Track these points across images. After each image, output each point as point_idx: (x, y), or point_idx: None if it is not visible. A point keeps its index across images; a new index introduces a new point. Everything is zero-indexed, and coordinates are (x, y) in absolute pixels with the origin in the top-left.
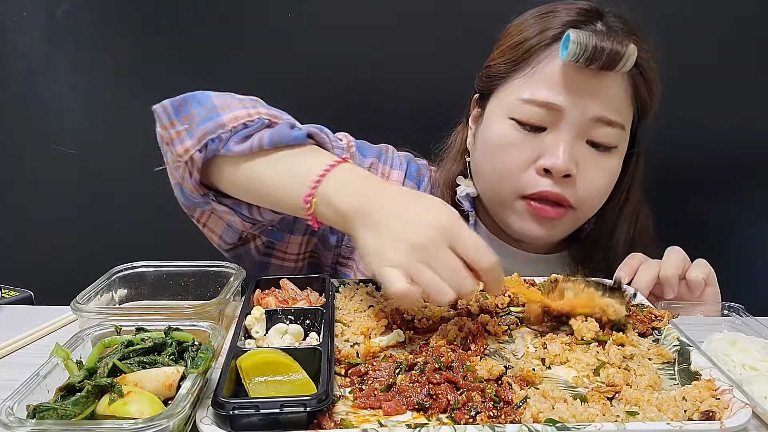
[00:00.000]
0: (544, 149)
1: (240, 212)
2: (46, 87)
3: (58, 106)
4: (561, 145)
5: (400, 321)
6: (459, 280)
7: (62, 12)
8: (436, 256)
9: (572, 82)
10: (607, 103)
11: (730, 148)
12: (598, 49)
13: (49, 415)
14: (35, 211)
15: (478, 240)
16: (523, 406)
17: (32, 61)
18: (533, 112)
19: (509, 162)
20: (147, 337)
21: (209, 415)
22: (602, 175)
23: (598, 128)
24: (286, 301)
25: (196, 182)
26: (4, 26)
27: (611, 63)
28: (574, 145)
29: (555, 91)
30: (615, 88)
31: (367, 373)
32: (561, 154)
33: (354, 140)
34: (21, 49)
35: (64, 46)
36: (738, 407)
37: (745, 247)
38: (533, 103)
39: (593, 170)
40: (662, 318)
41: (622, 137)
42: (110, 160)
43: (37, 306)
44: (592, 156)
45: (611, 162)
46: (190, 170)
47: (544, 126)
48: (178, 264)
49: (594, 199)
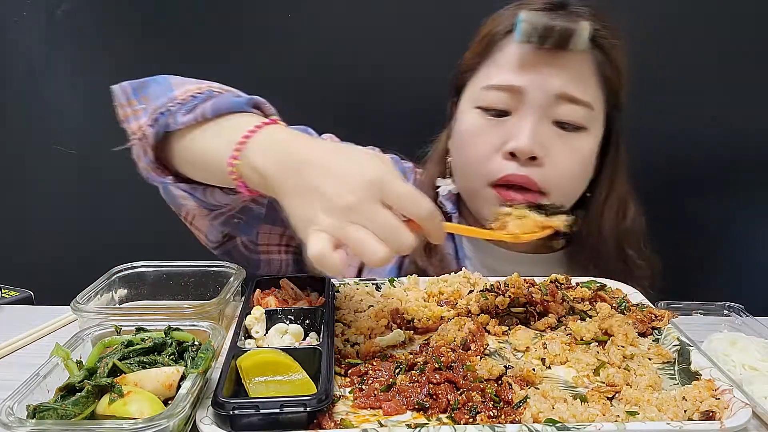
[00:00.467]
0: (509, 134)
1: (195, 195)
2: (46, 87)
3: (58, 106)
4: (524, 126)
5: (400, 321)
6: (395, 236)
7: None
8: (367, 215)
9: (531, 63)
10: (569, 80)
11: (730, 148)
12: (549, 27)
13: (49, 415)
14: (35, 211)
15: (411, 190)
16: (523, 406)
17: (32, 61)
18: (496, 96)
19: (476, 150)
20: (147, 337)
21: (209, 415)
22: (571, 157)
23: (562, 106)
24: (286, 301)
25: (150, 161)
26: (4, 26)
27: (563, 40)
28: (540, 127)
29: (514, 74)
30: (577, 66)
31: (367, 373)
32: (524, 135)
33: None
34: (21, 49)
35: (64, 46)
36: (738, 407)
37: (744, 247)
38: (495, 88)
39: (561, 151)
40: (662, 318)
41: (592, 118)
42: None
43: (37, 306)
44: (559, 137)
45: (581, 143)
46: (144, 148)
47: (508, 110)
48: (178, 264)
49: (565, 182)
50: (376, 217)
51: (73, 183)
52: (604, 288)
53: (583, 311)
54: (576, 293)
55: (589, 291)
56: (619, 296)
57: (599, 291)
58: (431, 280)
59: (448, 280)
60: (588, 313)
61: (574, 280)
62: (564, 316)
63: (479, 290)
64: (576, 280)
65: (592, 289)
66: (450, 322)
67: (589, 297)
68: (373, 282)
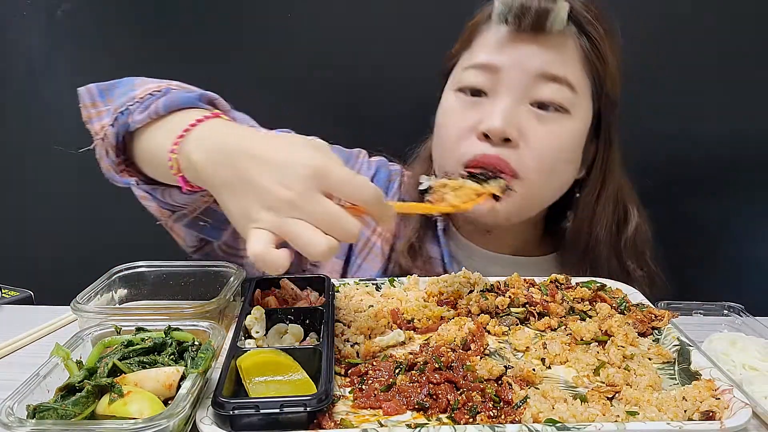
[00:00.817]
0: (484, 114)
1: (155, 196)
2: (46, 87)
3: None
4: (499, 106)
5: (400, 321)
6: (339, 225)
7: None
8: (307, 207)
9: (510, 44)
10: (550, 60)
11: (730, 148)
12: (525, 7)
13: (49, 415)
14: (35, 211)
15: (352, 175)
16: (523, 406)
17: (32, 61)
18: (473, 76)
19: (451, 131)
20: (147, 337)
21: (209, 415)
22: (549, 139)
23: (542, 85)
24: (286, 301)
25: (112, 161)
26: (4, 26)
27: (540, 19)
28: (516, 108)
29: (492, 53)
30: (558, 48)
31: (367, 373)
32: (497, 115)
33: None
34: (21, 49)
35: (64, 46)
36: (738, 407)
37: (744, 247)
38: (472, 68)
39: (539, 133)
40: (662, 318)
41: (575, 102)
42: None
43: (37, 306)
44: (537, 118)
45: (561, 126)
46: (106, 148)
47: (485, 91)
48: (178, 264)
49: (541, 166)
50: (316, 208)
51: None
52: (604, 288)
53: (582, 311)
54: (576, 293)
55: (589, 291)
56: (619, 296)
57: (599, 291)
58: (431, 280)
59: (448, 280)
60: (588, 314)
61: (573, 280)
62: (564, 316)
63: (479, 290)
64: (576, 280)
65: (592, 289)
66: (450, 322)
67: (589, 297)
68: (373, 282)
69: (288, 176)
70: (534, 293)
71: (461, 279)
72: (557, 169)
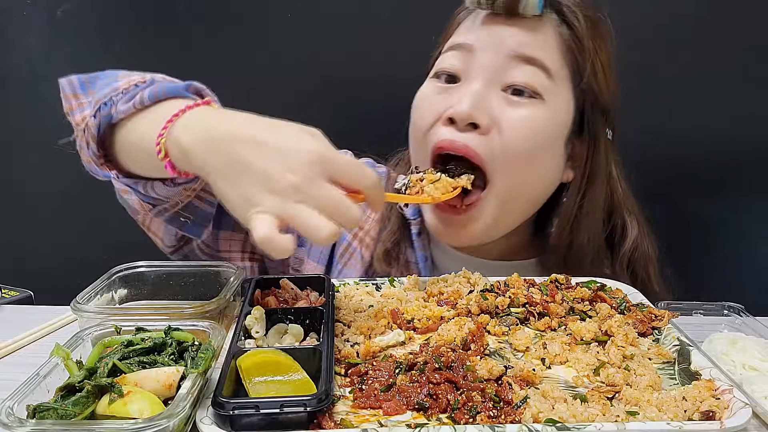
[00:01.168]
0: (454, 100)
1: (136, 189)
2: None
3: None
4: (469, 90)
5: (400, 321)
6: (341, 211)
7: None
8: (312, 192)
9: (486, 25)
10: (524, 41)
11: (730, 148)
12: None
13: (49, 415)
14: (35, 211)
15: (354, 161)
16: (523, 406)
17: (32, 61)
18: (448, 58)
19: (421, 117)
20: (147, 337)
21: (209, 415)
22: (522, 126)
23: (515, 67)
24: (286, 301)
25: (93, 152)
26: (4, 26)
27: (512, 2)
28: (487, 92)
29: (468, 34)
30: (534, 31)
31: (367, 373)
32: (465, 99)
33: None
34: (21, 49)
35: (64, 46)
36: (738, 407)
37: (744, 247)
38: (449, 50)
39: (511, 118)
40: (662, 318)
41: (550, 87)
42: None
43: (37, 306)
44: (510, 104)
45: (534, 111)
46: (87, 140)
47: (459, 75)
48: (178, 264)
49: (511, 154)
50: (320, 193)
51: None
52: (604, 288)
53: (582, 311)
54: (576, 293)
55: (589, 291)
56: (619, 296)
57: (599, 291)
58: (431, 280)
59: (448, 280)
60: (588, 314)
61: (573, 280)
62: (564, 317)
63: (479, 290)
64: (576, 280)
65: (592, 289)
66: (450, 322)
67: (589, 297)
68: (373, 282)
69: (292, 161)
70: (534, 293)
71: (461, 279)
72: (528, 159)
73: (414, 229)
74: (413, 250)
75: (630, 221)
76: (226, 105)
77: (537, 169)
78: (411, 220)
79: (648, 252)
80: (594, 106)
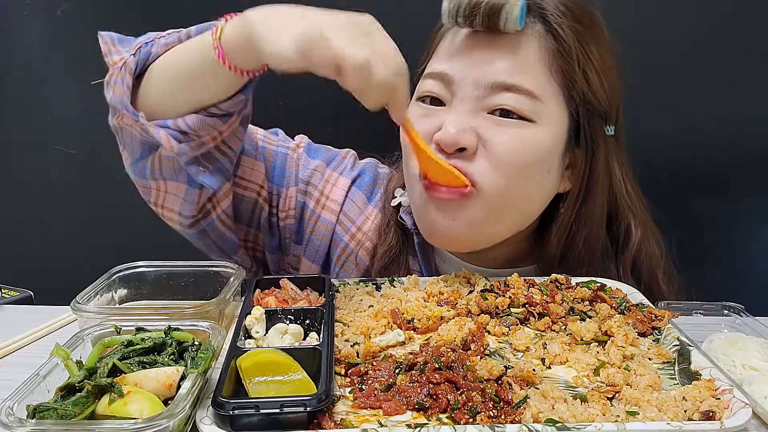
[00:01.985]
0: (440, 124)
1: (165, 125)
2: (46, 87)
3: (58, 106)
4: (453, 115)
5: (400, 321)
6: (399, 64)
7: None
8: (371, 33)
9: (465, 50)
10: (505, 68)
11: (731, 148)
12: (472, 4)
13: (49, 415)
14: (35, 211)
15: (393, 44)
16: (523, 406)
17: (32, 61)
18: (429, 85)
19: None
20: (147, 337)
21: (209, 415)
22: (512, 145)
23: (498, 95)
24: (286, 301)
25: (128, 86)
26: (4, 26)
27: (492, 18)
28: (473, 117)
29: (448, 62)
30: (515, 52)
31: (367, 373)
32: (449, 125)
33: (308, 141)
34: (21, 49)
35: (64, 46)
36: (738, 407)
37: (745, 247)
38: (428, 77)
39: (500, 138)
40: (662, 318)
41: (538, 109)
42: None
43: (37, 306)
44: (497, 125)
45: (524, 132)
46: (122, 76)
47: (443, 101)
48: (178, 264)
49: (500, 170)
50: (380, 38)
51: (72, 183)
52: (604, 288)
53: (582, 312)
54: (576, 293)
55: (589, 291)
56: (619, 296)
57: (599, 291)
58: (431, 280)
59: (448, 280)
60: (588, 314)
61: (573, 280)
62: (564, 317)
63: (479, 290)
64: (576, 280)
65: (592, 289)
66: (450, 322)
67: (589, 297)
68: (373, 282)
69: (348, 15)
70: (534, 293)
71: (461, 279)
72: (525, 177)
73: (417, 239)
74: (416, 259)
75: (634, 223)
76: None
77: (528, 184)
78: (412, 230)
79: (654, 254)
80: (590, 112)
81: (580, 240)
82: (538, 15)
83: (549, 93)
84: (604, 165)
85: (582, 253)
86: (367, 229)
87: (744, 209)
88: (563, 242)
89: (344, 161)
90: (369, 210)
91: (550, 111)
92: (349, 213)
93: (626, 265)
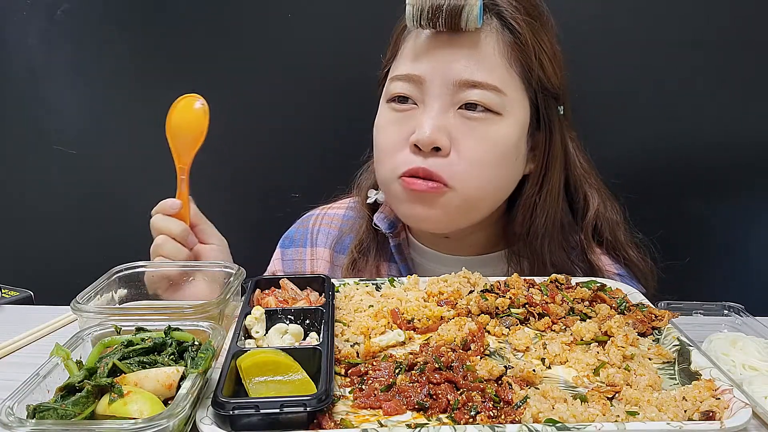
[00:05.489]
0: (415, 125)
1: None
2: (46, 87)
3: (58, 106)
4: (426, 117)
5: (400, 321)
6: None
7: (62, 12)
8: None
9: (430, 51)
10: (469, 65)
11: (730, 148)
12: (434, 6)
13: (49, 415)
14: (35, 211)
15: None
16: (523, 406)
17: (32, 61)
18: (399, 87)
19: (385, 142)
20: (147, 337)
21: (209, 415)
22: (481, 144)
23: (465, 92)
24: (286, 301)
25: None
26: (4, 26)
27: (453, 18)
28: (444, 116)
29: (415, 63)
30: (477, 50)
31: (367, 373)
32: (425, 126)
33: (279, 255)
34: (21, 49)
35: (64, 46)
36: (738, 407)
37: (745, 247)
38: (396, 79)
39: (470, 138)
40: (662, 318)
41: (503, 102)
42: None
43: (37, 306)
44: (467, 124)
45: (494, 130)
46: None
47: (414, 101)
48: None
49: (473, 172)
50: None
51: (72, 183)
52: (604, 288)
53: (582, 312)
54: (576, 294)
55: (589, 291)
56: (619, 296)
57: (599, 291)
58: (431, 280)
59: (448, 280)
60: (588, 314)
61: (573, 281)
62: (564, 317)
63: (479, 291)
64: (576, 281)
65: (592, 289)
66: (450, 322)
67: (589, 297)
68: (373, 282)
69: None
70: (534, 294)
71: (461, 279)
72: (491, 173)
73: (392, 242)
74: (395, 263)
75: (590, 192)
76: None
77: (499, 174)
78: (388, 233)
79: (612, 218)
80: (546, 95)
81: (542, 214)
82: (494, 12)
83: (510, 84)
84: (560, 142)
85: (547, 227)
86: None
87: (744, 209)
88: (528, 219)
89: (314, 228)
90: (308, 252)
91: (513, 101)
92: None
93: (588, 230)
